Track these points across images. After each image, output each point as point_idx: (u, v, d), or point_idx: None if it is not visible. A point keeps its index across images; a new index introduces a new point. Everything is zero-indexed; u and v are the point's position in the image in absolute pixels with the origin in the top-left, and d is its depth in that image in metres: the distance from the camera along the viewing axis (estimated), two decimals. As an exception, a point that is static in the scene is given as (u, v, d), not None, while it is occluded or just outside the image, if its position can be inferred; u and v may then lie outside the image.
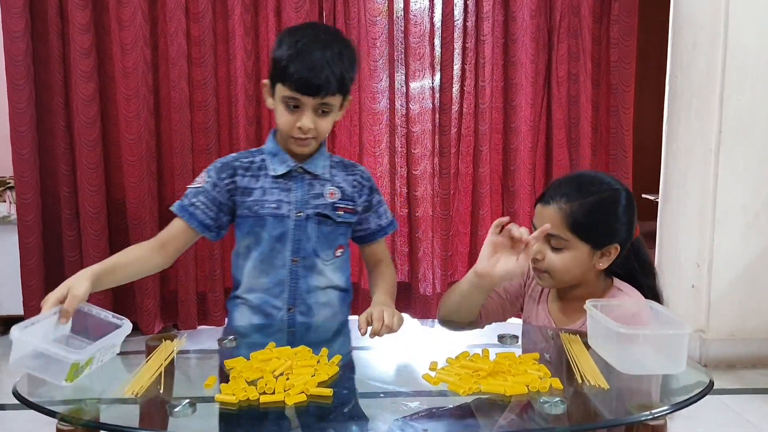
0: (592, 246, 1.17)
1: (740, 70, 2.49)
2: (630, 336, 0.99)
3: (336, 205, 1.29)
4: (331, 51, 1.19)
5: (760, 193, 2.55)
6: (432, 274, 3.06)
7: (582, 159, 3.00)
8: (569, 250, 1.17)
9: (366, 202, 1.35)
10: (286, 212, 1.27)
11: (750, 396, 2.33)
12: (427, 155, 3.01)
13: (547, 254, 1.19)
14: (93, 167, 2.74)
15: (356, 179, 1.34)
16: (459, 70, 2.98)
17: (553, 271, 1.19)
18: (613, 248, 1.18)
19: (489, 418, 0.91)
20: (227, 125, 2.87)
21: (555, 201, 1.17)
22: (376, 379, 1.05)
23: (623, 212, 1.18)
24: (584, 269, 1.19)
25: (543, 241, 1.19)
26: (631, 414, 0.87)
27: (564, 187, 1.19)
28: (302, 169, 1.28)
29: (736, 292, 2.58)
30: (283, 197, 1.27)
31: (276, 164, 1.28)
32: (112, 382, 0.98)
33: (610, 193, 1.18)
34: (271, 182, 1.27)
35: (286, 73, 1.17)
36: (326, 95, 1.19)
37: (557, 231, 1.16)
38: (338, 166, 1.34)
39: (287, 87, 1.18)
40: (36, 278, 2.78)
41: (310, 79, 1.16)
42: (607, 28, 2.95)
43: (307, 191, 1.28)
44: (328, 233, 1.29)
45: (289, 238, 1.27)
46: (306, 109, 1.20)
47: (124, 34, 2.71)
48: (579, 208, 1.15)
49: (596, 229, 1.16)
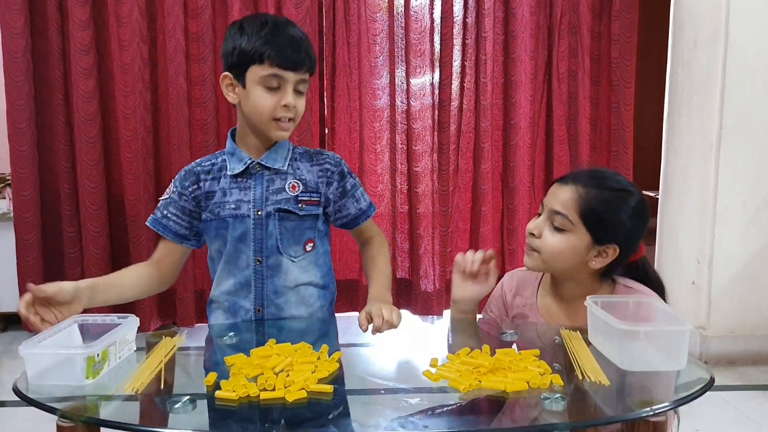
0: (593, 238, 1.15)
1: (741, 66, 2.49)
2: (631, 333, 0.98)
3: (299, 198, 1.25)
4: (300, 30, 1.21)
5: (760, 190, 2.55)
6: (433, 270, 3.06)
7: (581, 156, 3.00)
8: (569, 234, 1.15)
9: (339, 188, 1.30)
10: (246, 211, 1.24)
11: (750, 392, 2.33)
12: (428, 152, 3.01)
13: (545, 233, 1.17)
14: (93, 164, 2.74)
15: (322, 168, 1.28)
16: (459, 67, 2.98)
17: (544, 251, 1.17)
18: (612, 249, 1.16)
19: (489, 414, 0.91)
20: (226, 122, 2.87)
21: (574, 183, 1.16)
22: (376, 376, 1.05)
23: (636, 217, 1.16)
24: (576, 261, 1.17)
25: (546, 218, 1.18)
26: (631, 410, 0.86)
27: (586, 174, 1.19)
28: (260, 165, 1.25)
29: (737, 289, 2.58)
30: (242, 196, 1.24)
31: (234, 163, 1.25)
32: (113, 379, 0.98)
33: (630, 193, 1.17)
34: (230, 182, 1.25)
35: (265, 52, 1.15)
36: (306, 71, 1.19)
37: (565, 210, 1.15)
38: (302, 157, 1.29)
39: (267, 65, 1.16)
40: (34, 275, 2.78)
41: (292, 53, 1.16)
42: (608, 25, 2.94)
43: (267, 187, 1.25)
44: (292, 228, 1.25)
45: (250, 237, 1.24)
46: (288, 85, 1.18)
47: (123, 30, 2.71)
48: (594, 196, 1.14)
49: (603, 221, 1.15)
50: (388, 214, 3.03)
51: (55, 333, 1.00)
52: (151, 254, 1.32)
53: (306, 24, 2.80)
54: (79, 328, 1.06)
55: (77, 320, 1.06)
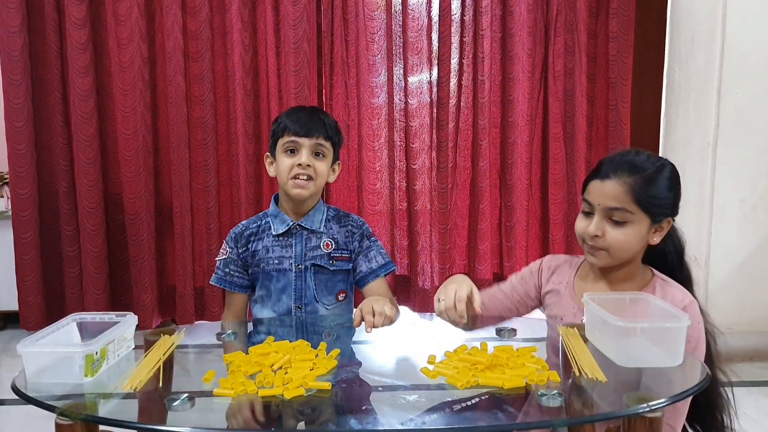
0: (651, 219, 1.17)
1: (738, 64, 2.49)
2: (628, 329, 0.99)
3: (332, 255, 1.45)
4: (318, 111, 1.48)
5: (757, 187, 2.56)
6: (430, 267, 3.07)
7: (578, 153, 3.01)
8: (632, 224, 1.16)
9: (358, 247, 1.48)
10: (288, 266, 1.44)
11: (748, 389, 2.34)
12: (426, 149, 3.01)
13: (607, 230, 1.17)
14: (90, 162, 2.74)
15: (348, 229, 1.49)
16: (457, 65, 2.98)
17: (613, 248, 1.17)
18: (666, 222, 1.19)
19: (487, 411, 0.91)
20: (225, 120, 2.87)
21: (616, 175, 1.17)
22: (374, 373, 1.05)
23: (676, 183, 1.20)
24: (642, 244, 1.19)
25: (602, 216, 1.18)
26: (628, 406, 0.87)
27: (620, 163, 1.19)
28: (300, 226, 1.45)
29: (734, 286, 2.59)
30: (284, 253, 1.44)
31: (277, 224, 1.46)
32: (111, 377, 0.99)
33: (665, 165, 1.20)
34: (273, 241, 1.45)
35: (284, 125, 1.41)
36: (320, 136, 1.40)
37: (622, 204, 1.15)
38: (333, 219, 1.50)
39: (286, 135, 1.40)
40: (32, 274, 2.77)
41: (304, 123, 1.40)
42: (605, 22, 2.94)
43: (305, 245, 1.45)
44: (325, 281, 1.44)
45: (291, 288, 1.43)
46: (303, 149, 1.39)
47: (121, 29, 2.70)
48: (642, 180, 1.15)
49: (657, 200, 1.16)
50: (387, 212, 3.03)
51: (53, 331, 1.00)
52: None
53: (304, 22, 2.80)
54: (78, 326, 1.06)
55: (76, 318, 1.06)
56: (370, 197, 2.98)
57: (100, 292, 2.79)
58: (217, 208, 2.90)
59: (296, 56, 2.81)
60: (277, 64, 2.83)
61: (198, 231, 2.88)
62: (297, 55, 2.81)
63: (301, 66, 2.82)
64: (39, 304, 2.80)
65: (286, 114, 1.45)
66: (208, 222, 2.88)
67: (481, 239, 3.04)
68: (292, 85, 2.81)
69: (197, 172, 2.85)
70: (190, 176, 2.84)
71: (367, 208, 2.97)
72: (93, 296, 2.79)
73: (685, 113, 2.65)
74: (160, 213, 2.89)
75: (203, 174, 2.85)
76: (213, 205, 2.88)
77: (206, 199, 2.87)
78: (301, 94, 2.81)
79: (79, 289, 2.83)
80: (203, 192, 2.86)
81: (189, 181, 2.84)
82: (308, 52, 2.83)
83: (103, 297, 2.80)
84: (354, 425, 0.84)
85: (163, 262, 2.92)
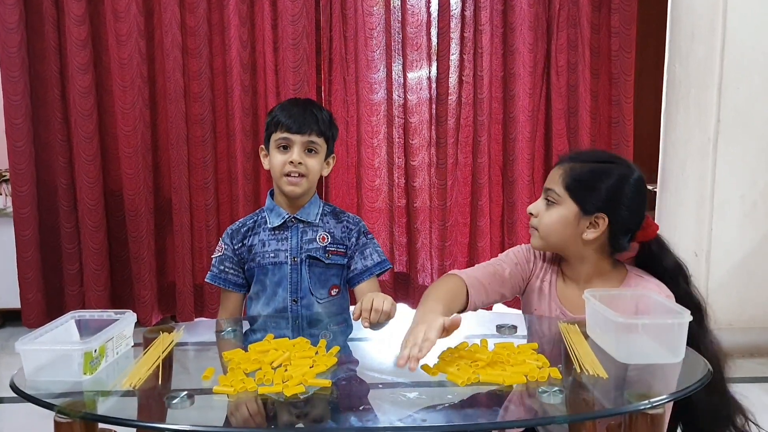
0: (580, 207, 1.19)
1: (739, 59, 2.48)
2: (629, 325, 0.99)
3: (327, 248, 1.45)
4: (312, 106, 1.45)
5: (758, 183, 2.55)
6: (430, 264, 3.06)
7: (581, 149, 3.00)
8: (559, 206, 1.21)
9: (355, 244, 1.48)
10: (283, 259, 1.44)
11: (748, 385, 2.34)
12: (425, 146, 3.00)
13: (540, 211, 1.24)
14: (90, 159, 2.73)
15: (345, 225, 1.49)
16: (457, 60, 2.97)
17: (540, 227, 1.23)
18: (601, 219, 1.18)
19: (488, 408, 0.91)
20: (223, 116, 2.86)
21: (562, 162, 1.24)
22: (374, 370, 1.05)
23: (628, 189, 1.18)
24: (569, 232, 1.20)
25: (542, 199, 1.24)
26: (629, 403, 0.86)
27: (580, 153, 1.27)
28: (295, 219, 1.45)
29: (734, 282, 2.58)
30: (279, 246, 1.44)
31: (273, 218, 1.46)
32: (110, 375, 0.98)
33: (613, 165, 1.21)
34: (269, 234, 1.45)
35: (277, 120, 1.40)
36: (311, 133, 1.39)
37: (553, 185, 1.22)
38: (330, 214, 1.50)
39: (278, 131, 1.40)
40: (33, 271, 2.77)
41: (296, 119, 1.39)
42: (607, 17, 2.93)
43: (301, 238, 1.45)
44: (319, 274, 1.44)
45: (287, 281, 1.43)
46: (295, 146, 1.39)
47: (120, 25, 2.69)
48: (578, 168, 1.21)
49: (586, 189, 1.19)
50: (386, 209, 3.02)
51: (52, 328, 1.00)
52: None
53: (302, 18, 2.78)
54: (77, 323, 1.06)
55: (74, 315, 1.06)
56: (369, 194, 2.97)
57: (100, 289, 2.79)
58: (216, 205, 2.89)
59: (295, 52, 2.80)
60: (275, 60, 2.82)
61: (197, 228, 2.88)
62: (295, 51, 2.80)
63: (300, 62, 2.81)
64: (39, 301, 2.80)
65: (279, 108, 1.44)
66: (207, 219, 2.88)
67: (482, 236, 3.03)
68: (291, 81, 2.80)
69: (196, 168, 2.85)
70: (188, 173, 2.83)
71: (366, 205, 2.96)
72: (94, 293, 2.79)
73: (685, 109, 2.64)
74: (159, 210, 2.89)
75: (202, 171, 2.85)
76: (212, 201, 2.88)
77: (205, 196, 2.86)
78: (299, 91, 2.80)
79: (79, 285, 2.83)
80: (202, 189, 2.86)
81: (188, 178, 2.83)
82: (307, 48, 2.81)
83: (103, 294, 2.80)
84: (354, 422, 0.84)
85: (162, 259, 2.92)
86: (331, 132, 1.46)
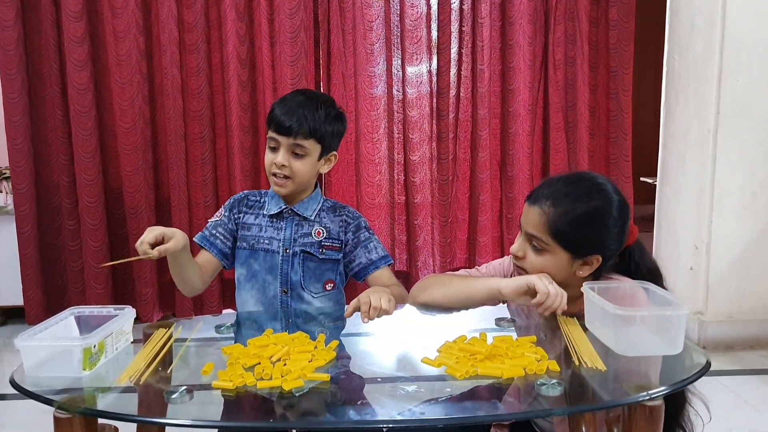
0: (572, 254, 1.15)
1: (738, 51, 2.47)
2: (627, 317, 0.99)
3: (322, 243, 1.43)
4: (310, 103, 1.37)
5: (757, 175, 2.55)
6: (432, 261, 3.05)
7: (580, 142, 2.99)
8: (549, 254, 1.15)
9: (354, 238, 1.46)
10: (276, 248, 1.42)
11: (748, 377, 2.34)
12: (425, 140, 2.99)
13: (528, 254, 1.18)
14: (90, 157, 2.73)
15: (342, 219, 1.47)
16: (456, 54, 2.96)
17: (531, 272, 1.17)
18: (595, 259, 1.15)
19: (486, 401, 0.91)
20: (222, 112, 2.85)
21: (540, 202, 1.15)
22: (373, 364, 1.05)
23: (613, 223, 1.14)
24: (564, 275, 1.16)
25: (525, 240, 1.18)
26: (628, 395, 0.87)
27: (553, 188, 1.16)
28: (292, 211, 1.43)
29: (734, 274, 2.58)
30: (274, 234, 1.43)
31: (272, 205, 1.45)
32: (110, 371, 0.98)
33: (600, 203, 1.14)
34: (267, 221, 1.44)
35: (271, 117, 1.37)
36: (298, 136, 1.34)
37: (538, 233, 1.15)
38: (328, 209, 1.48)
39: (270, 128, 1.37)
40: (33, 268, 2.77)
41: (284, 120, 1.34)
42: (605, 10, 2.93)
43: (296, 231, 1.43)
44: (314, 268, 1.43)
45: (278, 271, 1.42)
46: (281, 147, 1.36)
47: (117, 21, 2.69)
48: (563, 215, 1.13)
49: (578, 239, 1.14)
50: (386, 205, 3.01)
51: (51, 325, 1.00)
52: None
53: (300, 11, 2.77)
54: (76, 319, 1.06)
55: (74, 312, 1.06)
56: (368, 190, 2.96)
57: (101, 287, 2.79)
58: (215, 202, 2.89)
59: (293, 46, 2.79)
60: (272, 55, 2.81)
61: (196, 225, 2.87)
62: (293, 45, 2.78)
63: (298, 56, 2.79)
64: (40, 298, 2.80)
65: (278, 102, 1.40)
66: (206, 216, 2.88)
67: (482, 232, 3.03)
68: (289, 76, 2.79)
69: (194, 165, 2.84)
70: (186, 170, 2.83)
71: (365, 201, 2.95)
72: (95, 291, 2.79)
73: (685, 101, 2.64)
74: (159, 207, 2.88)
75: (200, 167, 2.84)
76: (210, 198, 2.87)
77: (204, 193, 2.86)
78: (297, 85, 2.79)
79: (81, 283, 2.83)
80: (201, 186, 2.85)
81: (186, 175, 2.83)
82: (305, 42, 2.80)
83: (104, 291, 2.80)
84: (353, 416, 0.84)
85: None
86: (329, 130, 1.39)
